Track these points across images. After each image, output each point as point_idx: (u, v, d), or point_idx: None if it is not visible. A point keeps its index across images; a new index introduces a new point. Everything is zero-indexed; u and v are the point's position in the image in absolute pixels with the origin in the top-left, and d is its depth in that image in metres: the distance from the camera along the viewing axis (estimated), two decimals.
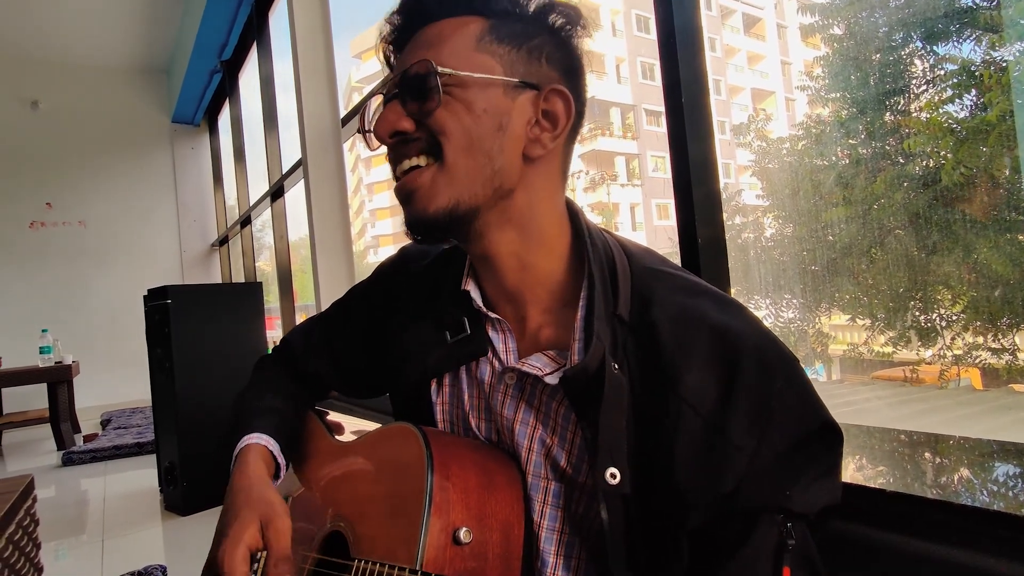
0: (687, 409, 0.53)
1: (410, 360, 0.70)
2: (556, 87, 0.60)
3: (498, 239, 0.62)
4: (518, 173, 0.60)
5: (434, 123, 0.58)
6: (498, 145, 0.58)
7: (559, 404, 0.61)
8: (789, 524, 0.51)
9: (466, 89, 0.58)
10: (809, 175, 1.64)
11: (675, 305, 0.58)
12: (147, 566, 1.94)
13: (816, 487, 0.52)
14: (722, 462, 0.52)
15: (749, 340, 0.54)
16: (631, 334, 0.58)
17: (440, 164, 0.58)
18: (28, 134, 5.59)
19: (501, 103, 0.59)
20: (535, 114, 0.60)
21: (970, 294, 1.32)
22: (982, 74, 1.21)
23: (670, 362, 0.55)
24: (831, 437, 0.54)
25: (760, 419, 0.52)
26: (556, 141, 0.61)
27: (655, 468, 0.54)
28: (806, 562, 0.52)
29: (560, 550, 0.61)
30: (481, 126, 0.58)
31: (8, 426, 4.19)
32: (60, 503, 2.91)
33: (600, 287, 0.59)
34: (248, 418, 0.77)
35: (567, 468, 0.60)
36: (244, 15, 4.45)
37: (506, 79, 0.59)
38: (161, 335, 2.62)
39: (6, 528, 1.18)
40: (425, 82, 0.58)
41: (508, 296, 0.66)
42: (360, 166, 26.66)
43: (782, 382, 0.53)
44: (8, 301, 5.36)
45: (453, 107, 0.58)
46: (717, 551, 0.52)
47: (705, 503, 0.52)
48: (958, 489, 0.84)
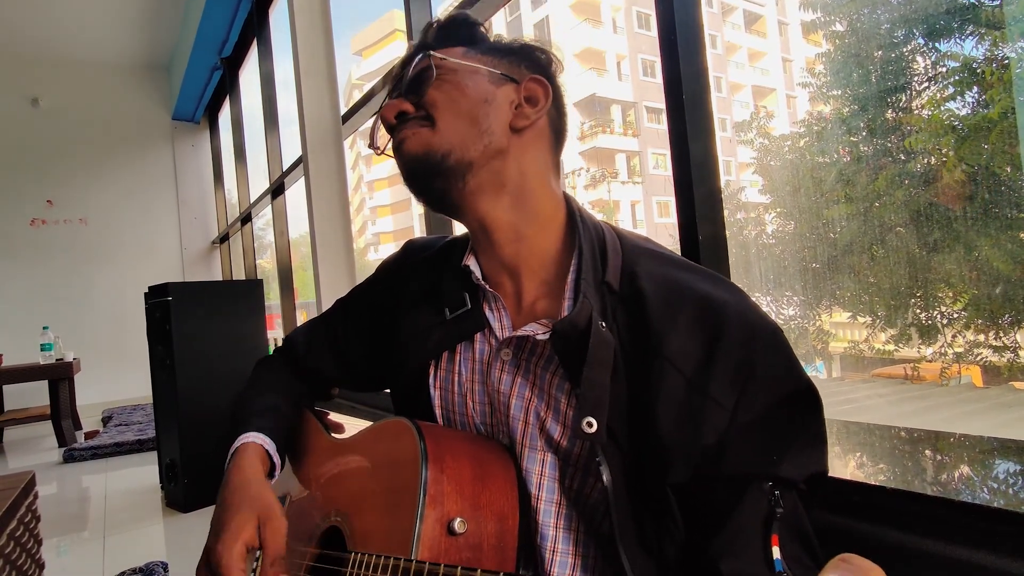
0: (670, 368, 0.56)
1: (411, 346, 0.72)
2: (533, 76, 0.69)
3: (493, 204, 0.67)
4: (506, 139, 0.67)
5: (428, 99, 0.67)
6: (484, 112, 0.66)
7: (552, 375, 0.63)
8: (777, 492, 0.52)
9: (456, 74, 0.68)
10: (810, 172, 1.64)
11: (661, 275, 0.61)
12: (148, 562, 1.95)
13: (803, 453, 0.54)
14: (702, 416, 0.54)
15: (732, 307, 0.57)
16: (620, 303, 0.61)
17: (432, 126, 0.66)
18: (29, 131, 5.59)
19: (486, 86, 0.67)
20: (518, 99, 0.68)
21: (971, 291, 1.31)
22: (984, 71, 1.21)
23: (657, 328, 0.57)
24: (812, 402, 0.56)
25: (740, 377, 0.54)
26: (538, 114, 0.68)
27: (643, 427, 0.56)
28: (796, 530, 0.53)
29: (559, 523, 0.62)
30: (469, 100, 0.66)
31: (9, 423, 4.19)
32: (62, 500, 2.91)
33: (589, 256, 0.64)
34: (246, 417, 0.78)
35: (562, 441, 0.62)
36: (244, 12, 4.45)
37: (490, 69, 0.68)
38: (162, 332, 2.62)
39: (7, 524, 1.18)
40: (422, 72, 0.68)
41: (505, 268, 0.69)
42: (361, 163, 26.66)
43: (763, 346, 0.56)
44: (9, 298, 5.36)
45: (445, 88, 0.67)
46: (707, 520, 0.54)
47: (686, 455, 0.54)
48: (959, 486, 0.84)
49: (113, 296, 5.75)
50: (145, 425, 4.19)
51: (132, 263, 5.93)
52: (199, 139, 6.59)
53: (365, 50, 26.62)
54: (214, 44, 4.94)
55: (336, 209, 2.96)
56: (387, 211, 26.97)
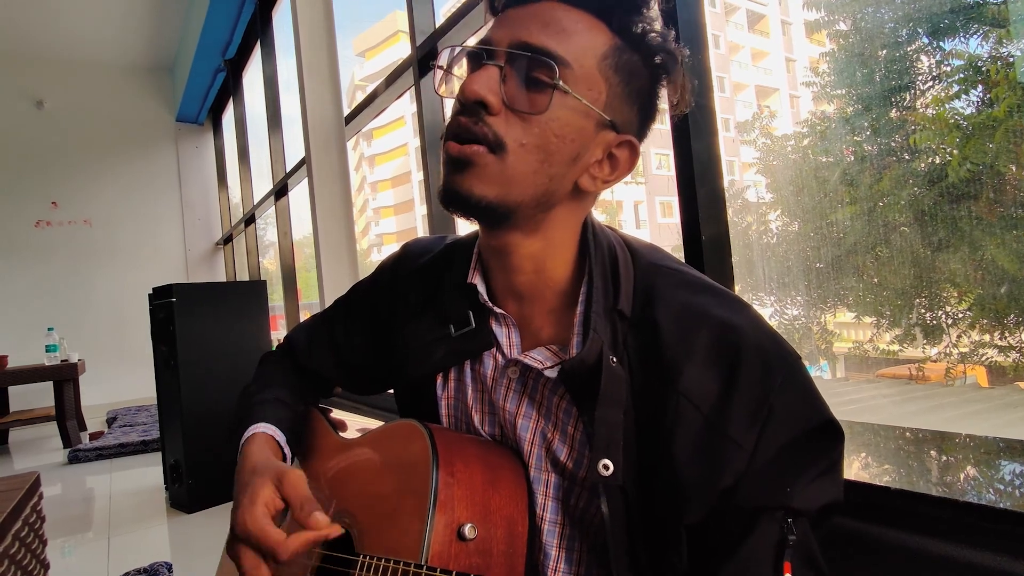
0: (687, 405, 0.53)
1: (415, 355, 0.70)
2: (631, 139, 0.60)
3: (521, 242, 0.62)
4: (567, 198, 0.61)
5: (518, 123, 0.55)
6: (564, 171, 0.58)
7: (560, 399, 0.61)
8: (790, 520, 0.51)
9: (566, 107, 0.56)
10: (814, 172, 1.64)
11: (677, 302, 0.58)
12: (153, 563, 1.95)
13: (817, 485, 0.52)
14: (721, 458, 0.52)
15: (750, 338, 0.54)
16: (632, 330, 0.58)
17: (499, 156, 0.56)
18: (33, 133, 5.62)
19: (588, 136, 0.58)
20: (603, 154, 0.60)
21: (976, 291, 1.31)
22: (989, 69, 1.20)
23: (671, 358, 0.55)
24: (831, 435, 0.54)
25: (759, 416, 0.52)
26: (607, 185, 0.62)
27: (655, 462, 0.54)
28: (807, 559, 0.52)
29: (562, 543, 0.62)
30: (562, 152, 0.57)
31: (14, 424, 4.21)
32: (66, 501, 2.92)
33: (600, 283, 0.60)
34: (254, 409, 0.77)
35: (568, 463, 0.61)
36: (248, 14, 4.46)
37: (603, 115, 0.58)
38: (166, 333, 2.63)
39: (12, 525, 1.18)
40: (537, 76, 0.55)
41: (516, 294, 0.66)
42: (364, 164, 26.69)
43: (782, 380, 0.53)
44: (14, 300, 5.39)
45: (547, 119, 0.55)
46: (717, 549, 0.52)
47: (703, 496, 0.52)
48: (964, 487, 0.83)
49: (117, 297, 5.77)
50: (149, 426, 4.20)
51: (136, 264, 5.95)
52: (203, 140, 6.61)
53: (367, 51, 26.67)
54: (218, 46, 4.95)
55: (339, 210, 2.96)
56: (390, 212, 26.99)
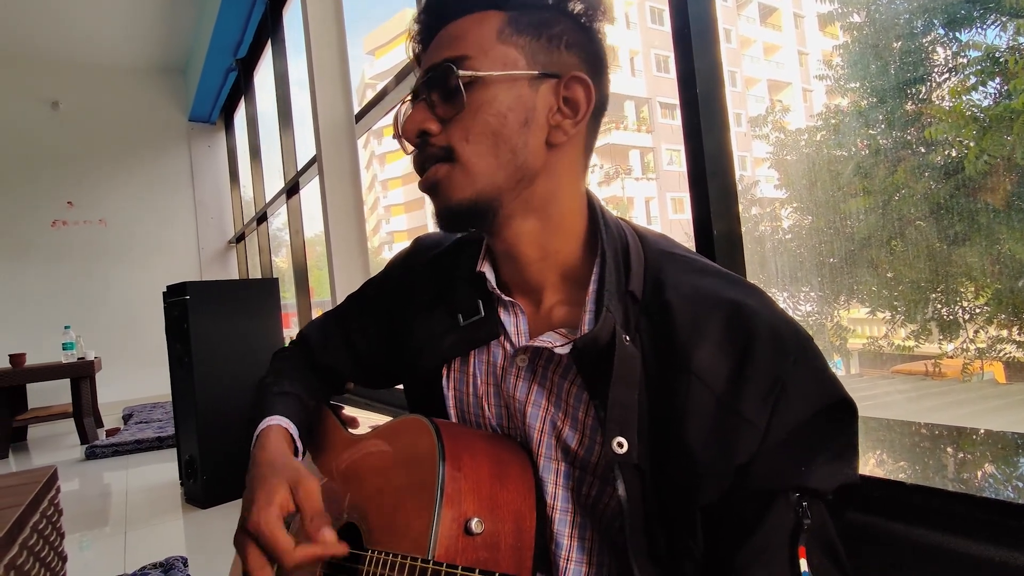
0: (699, 385, 0.53)
1: (425, 348, 0.71)
2: (576, 74, 0.60)
3: (520, 229, 0.63)
4: (541, 161, 0.61)
5: (456, 127, 0.59)
6: (523, 140, 0.59)
7: (571, 384, 0.61)
8: (805, 503, 0.50)
9: (489, 87, 0.59)
10: (827, 166, 1.62)
11: (688, 285, 0.58)
12: (168, 557, 1.98)
13: (832, 465, 0.52)
14: (734, 436, 0.52)
15: (763, 318, 0.54)
16: (644, 314, 0.58)
17: (455, 163, 0.60)
18: (49, 134, 5.70)
19: (526, 97, 0.59)
20: (556, 101, 0.60)
21: (994, 286, 1.29)
22: (1007, 60, 1.18)
23: (683, 340, 0.54)
24: (845, 414, 0.53)
25: (772, 395, 0.52)
26: (577, 127, 0.62)
27: (669, 445, 0.54)
28: (824, 542, 0.51)
29: (573, 532, 0.61)
30: (507, 125, 0.59)
31: (33, 421, 4.28)
32: (84, 496, 2.97)
33: (612, 263, 0.60)
34: (268, 401, 0.78)
35: (579, 450, 0.60)
36: (259, 13, 4.48)
37: (528, 72, 0.59)
38: (180, 331, 2.65)
39: (31, 517, 1.20)
40: (447, 83, 0.59)
41: (526, 285, 0.66)
42: (375, 162, 26.78)
43: (795, 358, 0.53)
44: (32, 299, 5.47)
45: (477, 109, 0.59)
46: (733, 533, 0.52)
47: (717, 477, 0.52)
48: (982, 483, 0.82)
49: (132, 295, 5.85)
50: (165, 423, 4.25)
51: (150, 263, 6.02)
52: (215, 140, 6.67)
53: (378, 49, 26.73)
54: (229, 45, 4.99)
55: (350, 208, 2.98)
56: (401, 210, 27.08)
